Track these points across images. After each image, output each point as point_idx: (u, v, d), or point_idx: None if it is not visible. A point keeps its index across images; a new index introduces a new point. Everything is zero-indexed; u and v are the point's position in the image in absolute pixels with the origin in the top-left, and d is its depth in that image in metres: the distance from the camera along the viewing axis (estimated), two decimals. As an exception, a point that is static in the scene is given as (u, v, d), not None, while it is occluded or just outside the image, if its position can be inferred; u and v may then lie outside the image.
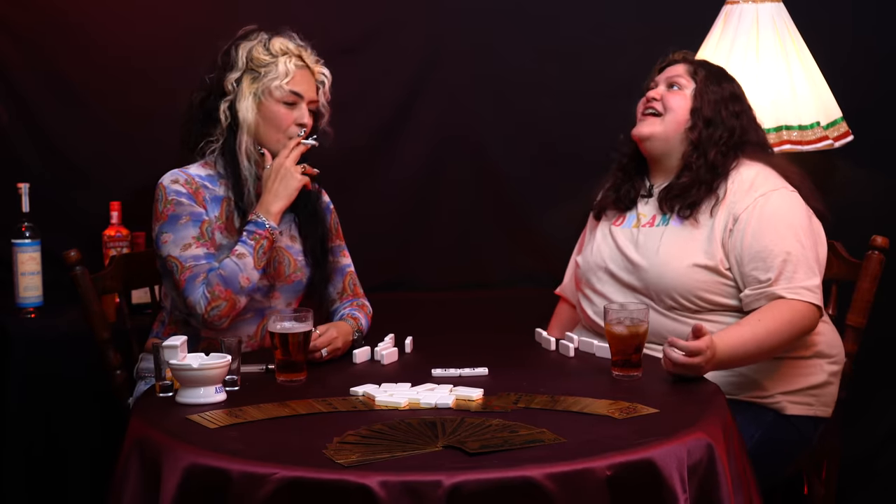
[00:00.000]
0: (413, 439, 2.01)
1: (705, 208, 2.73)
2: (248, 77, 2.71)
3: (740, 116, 2.81)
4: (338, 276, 2.88)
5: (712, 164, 2.74)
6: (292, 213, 2.80)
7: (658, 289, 2.71)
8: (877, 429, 3.65)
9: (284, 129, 2.72)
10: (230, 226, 2.71)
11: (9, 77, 3.55)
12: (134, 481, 2.05)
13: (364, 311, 2.85)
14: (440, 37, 3.69)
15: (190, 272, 2.62)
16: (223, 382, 2.29)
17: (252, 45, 2.73)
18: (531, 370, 2.55)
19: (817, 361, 2.76)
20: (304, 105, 2.73)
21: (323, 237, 2.83)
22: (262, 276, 2.69)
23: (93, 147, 3.60)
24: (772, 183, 2.72)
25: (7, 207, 3.36)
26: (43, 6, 3.53)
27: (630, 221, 2.85)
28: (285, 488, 1.86)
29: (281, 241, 2.77)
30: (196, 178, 2.71)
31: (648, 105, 2.84)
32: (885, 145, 3.61)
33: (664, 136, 2.80)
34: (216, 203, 2.72)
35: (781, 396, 2.72)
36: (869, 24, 3.63)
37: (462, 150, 3.74)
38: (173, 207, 2.66)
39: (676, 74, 2.84)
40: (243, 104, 2.70)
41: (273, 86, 2.69)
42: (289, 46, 2.74)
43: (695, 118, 2.78)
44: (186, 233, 2.64)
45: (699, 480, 2.00)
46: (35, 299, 3.31)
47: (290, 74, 2.70)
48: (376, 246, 3.63)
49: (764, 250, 2.65)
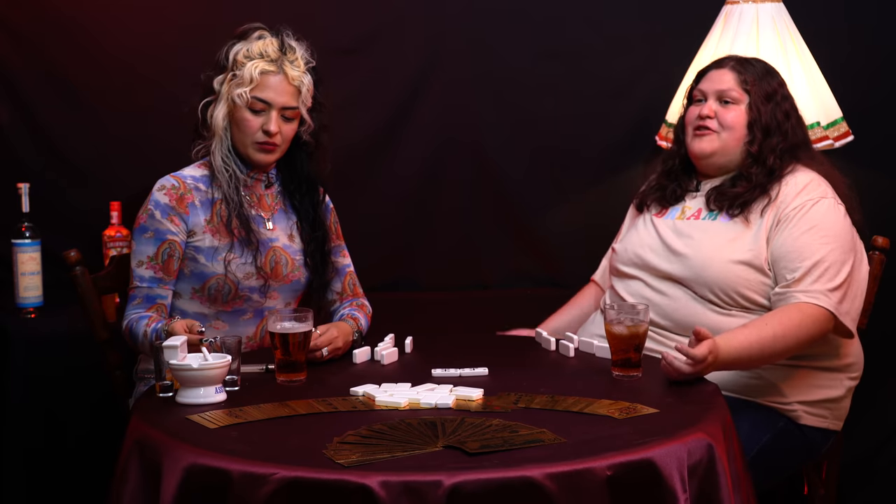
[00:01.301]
0: (413, 439, 2.01)
1: (756, 208, 2.72)
2: (228, 79, 2.69)
3: (790, 116, 2.80)
4: (337, 277, 2.87)
5: (770, 169, 2.74)
6: (294, 213, 2.81)
7: (699, 280, 2.70)
8: (877, 429, 3.65)
9: (250, 134, 2.68)
10: (222, 228, 2.69)
11: (9, 77, 3.55)
12: (134, 481, 2.05)
13: (364, 311, 2.85)
14: (440, 37, 3.69)
15: (132, 292, 2.67)
16: (223, 382, 2.29)
17: (242, 46, 2.69)
18: (531, 370, 2.55)
19: (840, 375, 2.76)
20: (274, 112, 2.67)
21: (323, 241, 2.82)
22: (258, 275, 2.69)
23: (93, 147, 3.61)
24: (822, 191, 2.72)
25: (7, 207, 3.37)
26: (43, 6, 3.53)
27: (674, 213, 2.84)
28: (285, 488, 1.86)
29: (278, 241, 2.77)
30: (189, 180, 2.70)
31: (702, 123, 2.81)
32: (885, 145, 3.61)
33: (723, 151, 2.79)
34: (207, 206, 2.70)
35: (799, 405, 2.71)
36: (869, 25, 3.63)
37: (462, 149, 3.74)
38: (146, 218, 2.67)
39: (728, 88, 2.79)
40: (217, 108, 2.69)
41: (236, 92, 2.66)
42: (266, 50, 2.68)
43: (753, 131, 2.77)
44: (145, 248, 2.66)
45: (699, 480, 2.00)
46: (35, 299, 3.31)
47: (253, 81, 2.65)
48: (377, 246, 3.64)
49: (796, 250, 2.64)
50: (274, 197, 2.80)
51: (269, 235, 2.75)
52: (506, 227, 3.78)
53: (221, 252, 2.68)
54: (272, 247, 2.74)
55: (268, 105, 2.67)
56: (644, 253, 2.81)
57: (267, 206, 2.78)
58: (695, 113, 2.83)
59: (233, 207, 2.69)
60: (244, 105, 2.67)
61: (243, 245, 2.69)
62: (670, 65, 3.47)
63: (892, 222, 3.20)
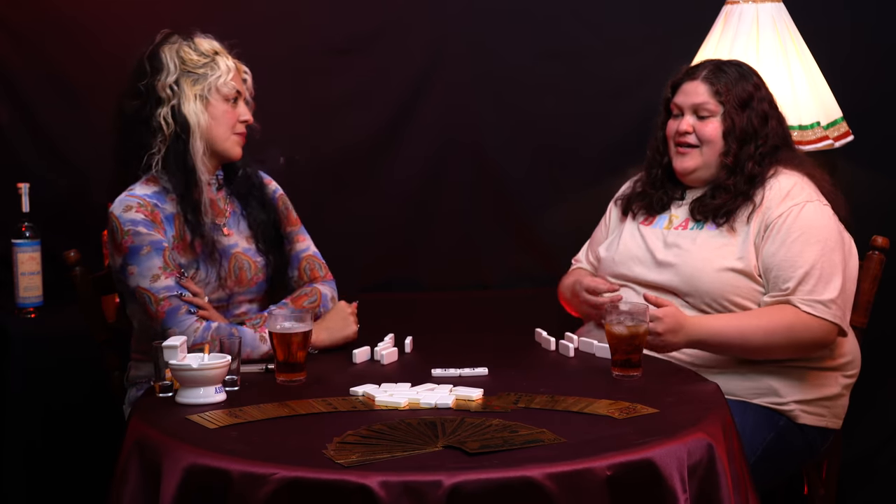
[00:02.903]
0: (413, 439, 2.01)
1: (742, 215, 2.72)
2: (186, 79, 2.63)
3: (768, 117, 2.79)
4: (291, 264, 2.81)
5: (749, 175, 2.74)
6: (240, 207, 2.76)
7: (689, 290, 2.70)
8: (877, 429, 3.65)
9: (232, 126, 2.67)
10: (185, 245, 2.62)
11: (9, 77, 3.55)
12: (134, 481, 2.05)
13: (311, 296, 2.75)
14: (442, 37, 3.69)
15: (168, 304, 2.53)
16: (223, 382, 2.29)
17: (176, 48, 2.66)
18: (531, 370, 2.55)
19: (835, 374, 2.76)
20: (241, 101, 2.69)
21: (274, 225, 2.77)
22: (220, 289, 2.66)
23: (93, 147, 3.59)
24: (807, 194, 2.71)
25: (7, 207, 3.37)
26: (43, 6, 3.53)
27: (661, 223, 2.84)
28: (285, 488, 1.86)
29: (238, 246, 2.72)
30: (147, 198, 2.61)
31: (682, 140, 2.80)
32: (885, 145, 3.61)
33: (706, 165, 2.79)
34: (170, 222, 2.62)
35: (795, 405, 2.71)
36: (869, 24, 3.63)
37: (463, 150, 3.74)
38: (131, 239, 2.55)
39: (702, 102, 2.78)
40: (189, 107, 2.62)
41: (219, 83, 2.64)
42: (215, 45, 2.69)
43: (728, 141, 2.76)
44: (151, 263, 2.55)
45: (699, 481, 2.00)
46: (35, 299, 3.32)
47: (231, 71, 2.66)
48: (377, 246, 3.63)
49: (788, 260, 2.64)
50: (224, 199, 2.75)
51: (228, 242, 2.71)
52: (506, 226, 3.77)
53: (189, 269, 2.62)
54: (233, 254, 2.70)
55: (239, 95, 2.69)
56: (633, 265, 2.81)
57: (220, 210, 2.72)
58: (673, 128, 2.83)
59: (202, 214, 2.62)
60: (225, 97, 2.66)
61: (207, 260, 2.64)
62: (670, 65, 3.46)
63: (892, 222, 3.20)
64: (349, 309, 2.72)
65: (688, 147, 2.80)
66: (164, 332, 2.52)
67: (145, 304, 2.56)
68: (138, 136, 2.65)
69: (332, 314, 2.72)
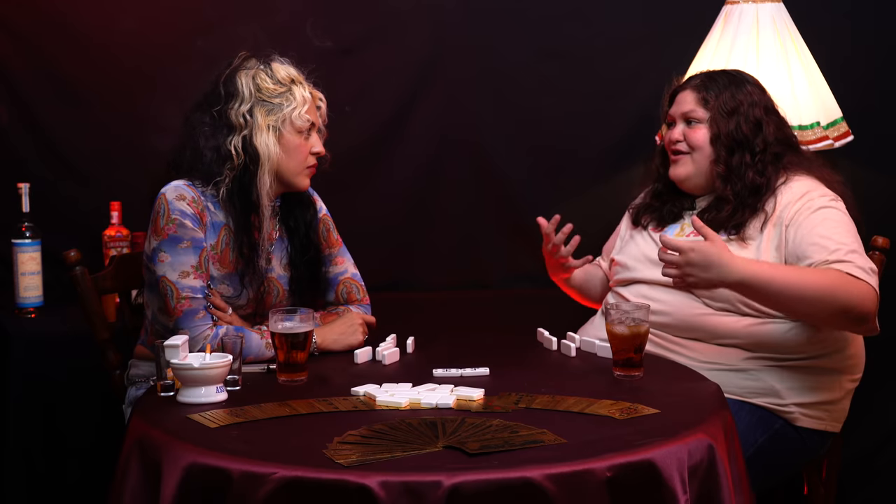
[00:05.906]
0: (413, 439, 2.01)
1: (753, 226, 2.69)
2: (260, 109, 2.58)
3: (762, 124, 2.76)
4: (331, 286, 2.82)
5: (752, 185, 2.71)
6: (288, 237, 2.74)
7: (703, 293, 2.67)
8: (877, 429, 3.65)
9: (303, 159, 2.63)
10: (224, 259, 2.61)
11: (9, 77, 3.55)
12: (134, 481, 2.05)
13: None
14: (441, 37, 3.69)
15: (188, 305, 2.52)
16: (224, 382, 2.29)
17: (253, 73, 2.61)
18: (532, 370, 2.54)
19: (840, 377, 2.74)
20: (314, 132, 2.65)
21: (314, 264, 2.75)
22: (249, 307, 2.66)
23: (93, 147, 3.61)
24: (822, 192, 2.69)
25: (7, 207, 3.37)
26: (43, 6, 3.53)
27: (672, 231, 2.82)
28: (285, 488, 1.86)
29: (274, 272, 2.71)
30: (202, 197, 2.59)
31: (674, 148, 2.81)
32: (885, 145, 3.61)
33: (698, 172, 2.78)
34: (215, 229, 2.61)
35: (796, 407, 2.69)
36: (869, 25, 3.63)
37: (462, 150, 3.74)
38: (175, 228, 2.53)
39: (689, 109, 2.79)
40: (262, 138, 2.57)
41: (294, 115, 2.58)
42: (292, 73, 2.63)
43: (717, 148, 2.74)
44: (186, 259, 2.54)
45: (700, 481, 2.00)
46: (35, 299, 3.32)
47: (306, 103, 2.60)
48: (377, 246, 3.63)
49: (823, 238, 2.59)
50: (274, 224, 2.73)
51: (266, 266, 2.70)
52: (506, 226, 3.78)
53: (218, 283, 2.62)
54: (267, 277, 2.70)
55: (313, 126, 2.64)
56: (646, 267, 2.79)
57: (268, 234, 2.70)
58: (668, 138, 2.84)
59: (252, 244, 2.61)
60: (299, 129, 2.61)
61: (242, 277, 2.63)
62: (670, 65, 3.46)
63: (892, 222, 3.19)
64: (359, 319, 2.71)
65: (680, 155, 2.80)
66: (176, 329, 2.52)
67: (166, 296, 2.54)
68: (212, 162, 2.60)
69: (343, 320, 2.71)
